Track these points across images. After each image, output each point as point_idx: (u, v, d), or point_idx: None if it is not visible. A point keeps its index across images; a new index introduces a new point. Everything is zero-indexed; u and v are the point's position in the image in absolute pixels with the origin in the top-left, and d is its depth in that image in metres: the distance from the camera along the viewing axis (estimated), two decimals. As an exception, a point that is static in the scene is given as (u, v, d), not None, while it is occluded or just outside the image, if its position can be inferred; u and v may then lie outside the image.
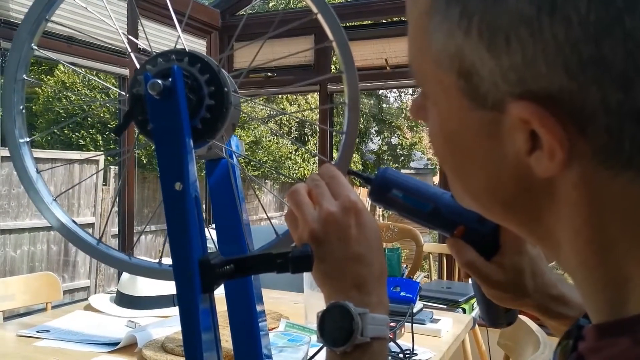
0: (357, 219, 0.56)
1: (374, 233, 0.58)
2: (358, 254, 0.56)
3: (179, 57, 0.65)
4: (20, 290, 1.90)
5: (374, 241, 0.57)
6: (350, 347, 0.53)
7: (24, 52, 0.76)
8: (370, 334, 0.53)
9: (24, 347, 1.37)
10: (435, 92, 0.38)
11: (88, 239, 0.75)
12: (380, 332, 0.54)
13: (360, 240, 0.56)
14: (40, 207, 0.76)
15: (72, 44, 2.67)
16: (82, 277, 6.04)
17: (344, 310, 0.53)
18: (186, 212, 0.58)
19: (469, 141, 0.37)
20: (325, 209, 0.56)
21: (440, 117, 0.39)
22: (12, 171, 5.10)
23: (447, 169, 0.41)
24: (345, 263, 0.56)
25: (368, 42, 3.30)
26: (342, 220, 0.56)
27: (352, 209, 0.56)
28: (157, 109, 0.59)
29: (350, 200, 0.57)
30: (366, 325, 0.53)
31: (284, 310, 1.65)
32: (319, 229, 0.56)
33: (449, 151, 0.40)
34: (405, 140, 12.37)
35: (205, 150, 0.72)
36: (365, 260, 0.56)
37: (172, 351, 1.27)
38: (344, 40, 0.70)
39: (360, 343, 0.53)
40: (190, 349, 0.59)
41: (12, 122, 0.75)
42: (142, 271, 0.77)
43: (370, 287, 0.56)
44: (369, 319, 0.53)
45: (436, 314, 1.61)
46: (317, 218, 0.57)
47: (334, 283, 0.57)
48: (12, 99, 0.76)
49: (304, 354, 1.13)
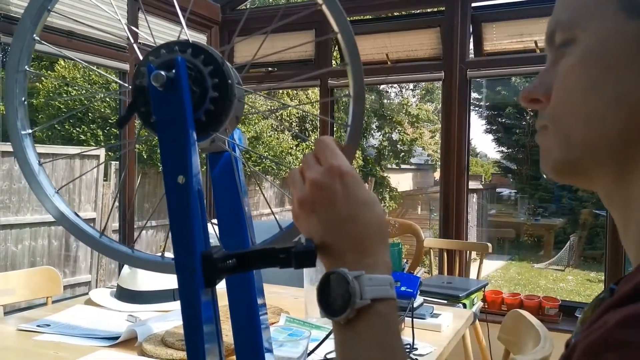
0: (343, 180, 0.54)
1: (366, 193, 0.55)
2: (351, 214, 0.53)
3: (182, 48, 0.64)
4: (20, 285, 1.90)
5: (366, 200, 0.55)
6: (353, 313, 0.50)
7: (26, 43, 0.75)
8: (369, 295, 0.50)
9: (24, 341, 1.37)
10: (589, 14, 0.45)
11: (90, 231, 0.75)
12: (382, 292, 0.51)
13: (351, 201, 0.54)
14: (42, 199, 0.75)
15: (72, 38, 2.66)
16: (83, 272, 6.05)
17: (339, 276, 0.51)
18: (189, 206, 0.57)
19: (621, 58, 0.43)
20: (308, 178, 0.55)
21: (591, 40, 0.45)
22: (13, 166, 5.11)
23: (576, 114, 0.46)
24: (339, 226, 0.53)
25: (369, 37, 3.29)
26: (327, 185, 0.54)
27: (336, 172, 0.54)
28: (160, 101, 0.58)
29: (333, 164, 0.54)
30: (364, 287, 0.50)
31: (285, 305, 1.65)
32: (305, 197, 0.55)
33: (592, 82, 0.44)
34: (406, 136, 12.36)
35: (208, 143, 0.72)
36: (359, 220, 0.54)
37: (172, 345, 1.27)
38: (349, 31, 0.70)
39: (362, 307, 0.50)
40: (191, 343, 0.59)
41: (14, 113, 0.75)
42: (145, 264, 0.76)
43: (367, 247, 0.53)
44: (365, 280, 0.51)
45: (436, 309, 1.61)
46: (302, 188, 0.55)
47: (331, 250, 0.54)
48: (14, 90, 0.75)
49: (304, 348, 1.13)
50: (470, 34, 3.09)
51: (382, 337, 0.50)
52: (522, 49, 2.98)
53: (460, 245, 3.07)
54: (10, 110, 0.74)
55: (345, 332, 0.51)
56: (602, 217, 8.67)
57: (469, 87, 3.10)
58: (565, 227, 10.05)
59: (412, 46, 3.25)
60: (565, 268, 8.79)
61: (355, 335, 0.51)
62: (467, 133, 3.12)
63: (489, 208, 11.38)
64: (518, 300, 2.96)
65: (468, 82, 3.08)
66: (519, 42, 2.99)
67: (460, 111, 3.08)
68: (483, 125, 12.57)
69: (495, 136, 12.34)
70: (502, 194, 12.23)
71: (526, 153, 11.36)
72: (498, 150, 12.54)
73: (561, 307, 2.91)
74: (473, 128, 16.29)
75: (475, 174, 12.46)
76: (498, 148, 12.47)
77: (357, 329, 0.51)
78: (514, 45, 3.01)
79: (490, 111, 12.27)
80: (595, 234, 9.41)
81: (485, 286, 2.83)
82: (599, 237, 9.17)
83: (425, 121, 12.52)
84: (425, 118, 12.39)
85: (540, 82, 0.50)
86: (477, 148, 14.86)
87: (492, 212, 11.35)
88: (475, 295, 2.65)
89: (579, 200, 10.15)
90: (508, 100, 11.74)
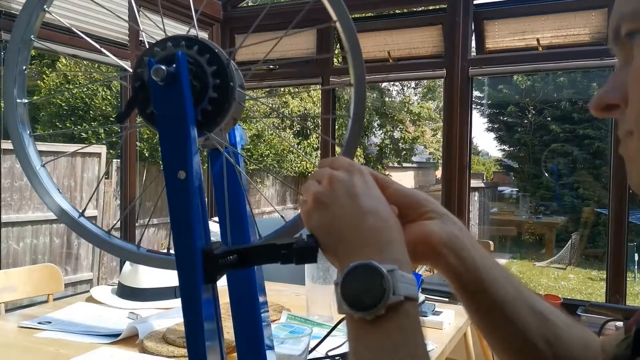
0: (363, 177, 0.53)
1: (381, 194, 0.54)
2: (371, 207, 0.51)
3: (189, 43, 0.63)
4: (22, 282, 1.90)
5: (383, 199, 0.53)
6: (384, 309, 0.46)
7: (35, 13, 0.74)
8: (403, 292, 0.47)
9: (25, 338, 1.37)
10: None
11: (97, 231, 0.75)
12: (412, 291, 0.48)
13: (371, 195, 0.52)
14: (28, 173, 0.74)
15: (73, 35, 2.66)
16: (85, 270, 6.06)
17: (370, 268, 0.47)
18: (189, 201, 0.57)
19: None
20: (328, 174, 0.54)
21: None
22: (14, 164, 5.11)
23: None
24: (360, 217, 0.51)
25: (371, 35, 3.28)
26: (347, 179, 0.53)
27: (356, 170, 0.53)
28: (160, 96, 0.58)
29: (352, 163, 0.54)
30: (397, 283, 0.47)
31: (286, 303, 1.65)
32: (323, 191, 0.53)
33: None
34: (407, 135, 12.36)
35: (202, 140, 0.71)
36: (381, 214, 0.51)
37: (173, 342, 1.27)
38: (347, 17, 0.69)
39: (394, 303, 0.46)
40: (192, 340, 0.58)
41: (12, 81, 0.74)
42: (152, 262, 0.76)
43: (392, 243, 0.50)
44: (398, 275, 0.47)
45: (438, 307, 1.61)
46: (321, 184, 0.54)
47: (351, 241, 0.50)
48: (16, 58, 0.74)
49: (305, 345, 1.13)
50: (472, 32, 3.08)
51: (409, 339, 0.47)
52: (525, 46, 2.97)
53: (461, 243, 3.06)
54: (9, 78, 0.74)
55: (370, 331, 0.47)
56: (604, 215, 8.66)
57: (470, 84, 3.09)
58: (567, 226, 10.03)
59: (413, 44, 3.24)
60: (566, 266, 8.78)
61: (382, 334, 0.47)
62: (469, 131, 3.12)
63: (491, 206, 11.37)
64: (520, 298, 2.95)
65: (470, 79, 3.07)
66: (521, 40, 2.98)
67: (462, 109, 3.07)
68: (485, 123, 12.56)
69: (497, 134, 12.32)
70: (503, 192, 12.21)
71: (528, 151, 11.34)
72: (500, 149, 12.53)
73: (563, 305, 2.90)
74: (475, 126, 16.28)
75: (476, 172, 12.46)
76: (500, 146, 12.46)
77: (385, 328, 0.47)
78: (516, 42, 3.00)
79: (492, 109, 12.26)
80: (597, 232, 9.40)
81: (486, 284, 2.82)
82: (600, 236, 9.16)
83: (427, 119, 12.52)
84: (427, 116, 12.39)
85: (614, 85, 0.45)
86: (478, 146, 14.84)
87: (494, 210, 11.34)
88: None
89: (580, 199, 10.14)
90: (510, 98, 11.72)
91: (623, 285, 2.80)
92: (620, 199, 2.77)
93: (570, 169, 10.41)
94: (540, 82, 11.10)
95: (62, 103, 7.90)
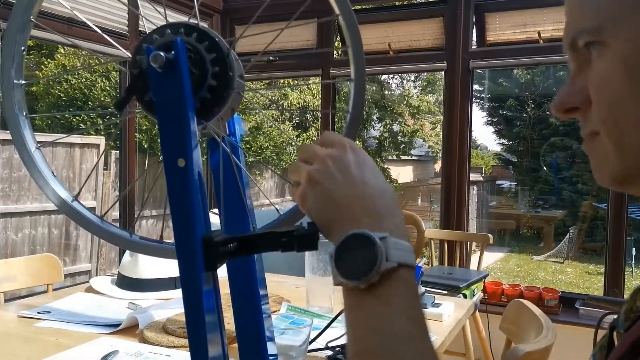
0: (355, 151, 0.53)
1: (377, 168, 0.54)
2: (364, 179, 0.51)
3: (188, 31, 0.63)
4: (21, 272, 1.90)
5: (378, 172, 0.53)
6: (377, 276, 0.46)
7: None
8: (395, 258, 0.47)
9: (25, 328, 1.37)
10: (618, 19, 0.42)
11: (91, 216, 0.74)
12: (407, 258, 0.48)
13: (365, 168, 0.52)
14: (23, 155, 0.74)
15: (72, 25, 2.64)
16: (84, 261, 6.06)
17: (362, 237, 0.47)
18: (189, 189, 0.56)
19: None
20: (320, 152, 0.54)
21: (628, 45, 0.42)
22: (13, 154, 5.09)
23: (629, 118, 0.43)
24: (353, 189, 0.51)
25: (371, 27, 3.27)
26: (340, 155, 0.53)
27: (348, 146, 0.54)
28: (159, 83, 0.57)
29: (342, 139, 0.54)
30: (389, 249, 0.47)
31: (285, 294, 1.65)
32: (316, 168, 0.53)
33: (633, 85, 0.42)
34: (406, 128, 12.33)
35: (200, 129, 0.71)
36: (374, 186, 0.51)
37: (173, 332, 1.27)
38: (350, 12, 0.68)
39: (387, 270, 0.46)
40: (193, 329, 0.58)
41: (10, 60, 0.73)
42: (143, 249, 0.76)
43: (384, 211, 0.50)
44: (391, 242, 0.47)
45: (438, 299, 1.61)
46: (313, 164, 0.54)
47: (344, 214, 0.51)
48: (15, 37, 0.73)
49: (305, 336, 1.13)
50: (473, 24, 3.07)
51: (408, 305, 0.47)
52: (525, 39, 2.96)
53: (461, 236, 3.07)
54: (7, 57, 0.73)
55: (366, 299, 0.47)
56: (602, 209, 8.66)
57: (471, 77, 3.08)
58: (565, 220, 10.04)
59: (414, 36, 3.23)
60: (564, 260, 8.80)
61: (380, 302, 0.47)
62: (469, 123, 3.11)
63: (489, 200, 11.38)
64: (518, 291, 2.96)
65: (470, 72, 3.07)
66: (522, 33, 2.97)
67: (463, 101, 3.07)
68: (484, 117, 12.54)
69: (496, 128, 12.31)
70: (502, 186, 12.22)
71: (527, 145, 11.33)
72: (499, 143, 12.52)
73: (561, 299, 2.91)
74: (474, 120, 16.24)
75: (475, 166, 12.45)
76: (499, 140, 12.44)
77: (381, 294, 0.47)
78: (517, 35, 2.99)
79: (492, 103, 12.23)
80: (595, 226, 9.41)
81: (485, 277, 2.83)
82: (598, 230, 9.17)
83: (426, 113, 12.50)
84: (426, 109, 12.36)
85: (573, 90, 0.47)
86: (477, 140, 14.82)
87: (493, 204, 11.35)
88: (475, 286, 2.65)
89: (579, 193, 10.14)
90: (509, 92, 11.70)
91: (621, 280, 2.80)
92: (620, 193, 2.77)
93: (569, 163, 10.41)
94: (540, 76, 11.08)
95: (60, 94, 7.87)
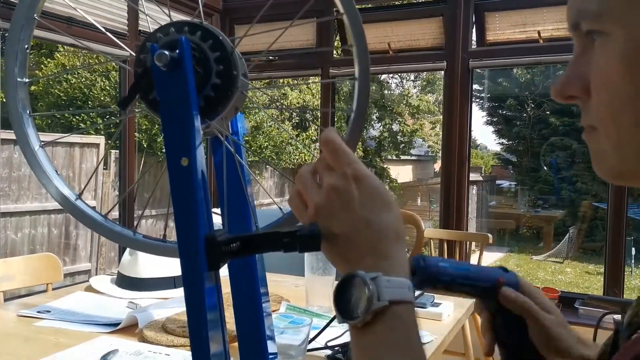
0: (359, 185, 0.54)
1: (381, 196, 0.54)
2: (366, 219, 0.53)
3: (192, 29, 0.63)
4: (20, 271, 1.90)
5: (383, 204, 0.54)
6: (370, 315, 0.49)
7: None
8: (387, 297, 0.49)
9: (24, 327, 1.36)
10: (622, 7, 0.42)
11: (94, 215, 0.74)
12: (400, 294, 0.50)
13: (366, 205, 0.53)
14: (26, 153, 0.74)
15: (72, 24, 2.64)
16: (83, 261, 6.06)
17: (355, 278, 0.50)
18: (192, 188, 0.56)
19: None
20: (325, 183, 0.55)
21: (625, 38, 0.42)
22: (13, 154, 5.09)
23: (625, 120, 0.43)
24: (355, 231, 0.53)
25: (371, 26, 3.26)
26: (343, 189, 0.53)
27: (352, 176, 0.54)
28: (163, 81, 0.57)
29: (348, 168, 0.54)
30: (381, 288, 0.49)
31: (285, 293, 1.65)
32: (322, 203, 0.54)
33: (630, 77, 0.42)
34: (406, 127, 12.34)
35: (203, 127, 0.71)
36: (374, 225, 0.53)
37: (172, 332, 1.27)
38: (355, 11, 0.69)
39: (380, 309, 0.49)
40: (195, 327, 0.58)
41: (13, 59, 0.73)
42: (147, 247, 0.76)
43: (383, 250, 0.52)
44: (382, 281, 0.49)
45: (437, 298, 1.61)
46: (319, 193, 0.55)
47: (347, 255, 0.53)
48: (18, 35, 0.73)
49: (304, 335, 1.13)
50: (473, 24, 3.07)
51: (400, 338, 0.49)
52: (525, 39, 2.96)
53: (460, 235, 3.07)
54: (11, 55, 0.73)
55: (363, 336, 0.50)
56: (602, 209, 8.67)
57: (471, 77, 3.08)
58: (565, 219, 10.06)
59: (414, 35, 3.23)
60: (564, 260, 8.81)
61: (373, 337, 0.49)
62: (469, 123, 3.11)
63: (489, 200, 11.38)
64: (518, 291, 2.95)
65: (470, 72, 3.07)
66: (522, 32, 2.97)
67: (462, 101, 3.07)
68: (484, 117, 12.55)
69: (496, 128, 12.32)
70: (502, 185, 12.22)
71: (526, 145, 11.34)
72: (498, 142, 12.53)
73: (561, 298, 2.91)
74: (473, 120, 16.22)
75: (475, 166, 12.45)
76: (498, 140, 12.45)
77: (375, 330, 0.49)
78: (516, 35, 2.99)
79: (491, 103, 12.24)
80: (594, 226, 9.42)
81: (485, 277, 2.82)
82: (598, 230, 9.18)
83: (426, 112, 12.51)
84: (426, 109, 12.37)
85: (574, 75, 0.47)
86: (477, 140, 14.82)
87: (492, 203, 11.36)
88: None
89: (578, 193, 10.15)
90: (509, 91, 11.70)
91: (621, 279, 2.80)
92: (619, 193, 2.77)
93: (569, 162, 10.41)
94: (540, 76, 11.08)
95: (60, 93, 7.86)
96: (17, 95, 0.73)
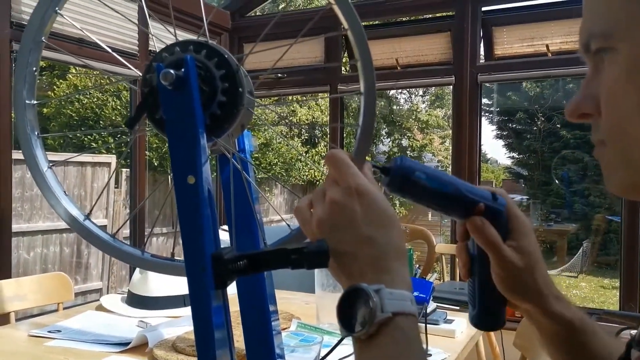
0: (362, 201, 0.54)
1: (384, 212, 0.55)
2: (368, 236, 0.53)
3: (197, 48, 0.63)
4: (32, 290, 1.90)
5: (385, 220, 0.54)
6: (374, 328, 0.49)
7: (47, 14, 0.75)
8: (390, 308, 0.49)
9: (35, 347, 1.36)
10: (627, 25, 0.43)
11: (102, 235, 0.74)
12: (403, 307, 0.50)
13: (369, 222, 0.54)
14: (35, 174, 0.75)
15: (83, 46, 2.68)
16: (95, 279, 6.07)
17: (359, 291, 0.50)
18: (199, 206, 0.56)
19: None
20: (328, 198, 0.55)
21: (630, 52, 0.43)
22: (25, 174, 5.14)
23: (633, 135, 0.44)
24: (357, 247, 0.53)
25: (378, 42, 3.28)
26: (346, 206, 0.54)
27: (355, 192, 0.54)
28: (169, 100, 0.57)
29: (351, 184, 0.54)
30: (384, 300, 0.49)
31: (295, 311, 1.64)
32: (325, 218, 0.55)
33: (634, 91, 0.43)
34: (415, 142, 12.33)
35: (210, 145, 0.71)
36: (377, 242, 0.53)
37: (183, 351, 1.26)
38: (359, 26, 0.69)
39: (383, 320, 0.49)
40: (202, 347, 0.58)
41: (22, 81, 0.74)
42: (155, 266, 0.75)
43: (384, 266, 0.53)
44: (386, 294, 0.50)
45: (450, 315, 1.59)
46: (323, 207, 0.55)
47: (349, 269, 0.54)
48: (27, 58, 0.74)
49: (316, 353, 1.12)
50: (481, 38, 3.07)
51: (403, 350, 0.49)
52: (534, 52, 2.96)
53: (472, 250, 3.04)
54: (19, 78, 0.74)
55: (367, 349, 0.50)
56: (615, 222, 8.57)
57: (479, 91, 3.08)
58: (578, 233, 9.94)
59: (422, 51, 3.24)
60: (578, 274, 8.69)
61: (377, 349, 0.49)
62: (478, 137, 3.10)
63: (501, 214, 11.27)
64: (532, 306, 2.91)
65: (479, 86, 3.06)
66: (530, 46, 2.97)
67: (471, 116, 3.06)
68: (493, 130, 12.51)
69: (506, 142, 12.27)
70: (513, 199, 12.13)
71: (537, 158, 11.27)
72: (509, 156, 12.46)
73: (576, 314, 2.86)
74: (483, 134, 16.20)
75: (485, 180, 12.38)
76: (509, 154, 12.39)
77: (378, 342, 0.49)
78: (525, 49, 2.99)
79: (501, 117, 12.21)
80: (608, 239, 9.30)
81: (498, 292, 2.79)
82: (612, 243, 9.05)
83: (435, 127, 12.50)
84: (435, 124, 12.36)
85: (587, 94, 0.48)
86: (487, 154, 14.76)
87: (504, 218, 11.25)
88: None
89: (591, 206, 10.04)
90: (519, 105, 11.67)
91: (637, 294, 2.76)
92: (633, 206, 2.73)
93: (581, 175, 10.33)
94: (550, 89, 11.05)
95: (72, 113, 7.96)
96: (26, 116, 0.74)
